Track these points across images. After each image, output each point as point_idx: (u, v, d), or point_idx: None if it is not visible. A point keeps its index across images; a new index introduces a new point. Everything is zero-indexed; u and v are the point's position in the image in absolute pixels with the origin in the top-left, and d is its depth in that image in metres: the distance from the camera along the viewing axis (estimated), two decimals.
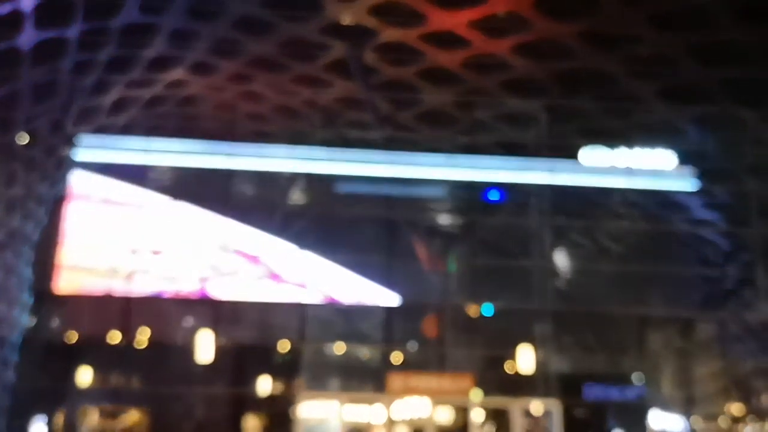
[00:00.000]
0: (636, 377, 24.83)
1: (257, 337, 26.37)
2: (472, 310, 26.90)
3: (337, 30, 17.27)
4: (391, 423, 21.26)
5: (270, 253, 24.59)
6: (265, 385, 24.96)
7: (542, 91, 19.41)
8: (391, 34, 17.43)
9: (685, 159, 21.30)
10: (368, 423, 22.05)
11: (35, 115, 17.50)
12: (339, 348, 25.93)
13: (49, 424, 23.25)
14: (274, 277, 24.43)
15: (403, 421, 22.05)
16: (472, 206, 25.44)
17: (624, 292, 25.02)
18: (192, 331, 24.52)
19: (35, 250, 21.01)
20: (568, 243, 26.39)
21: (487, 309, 25.97)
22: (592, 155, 21.30)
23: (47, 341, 23.55)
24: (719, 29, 16.00)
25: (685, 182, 21.55)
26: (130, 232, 23.15)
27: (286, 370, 24.72)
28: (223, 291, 23.71)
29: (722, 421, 29.55)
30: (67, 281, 22.09)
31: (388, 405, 21.02)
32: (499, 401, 22.58)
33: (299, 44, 17.89)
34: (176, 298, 24.04)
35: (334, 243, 23.78)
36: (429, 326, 25.25)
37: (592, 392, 22.40)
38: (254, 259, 24.57)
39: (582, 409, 22.32)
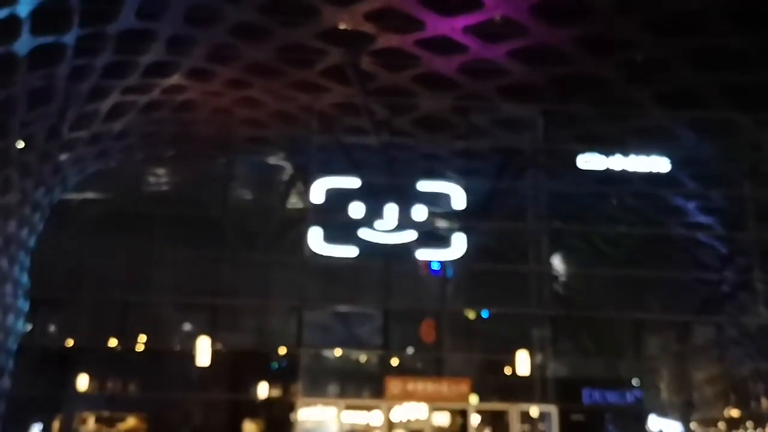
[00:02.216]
0: (634, 381, 24.81)
1: (255, 343, 26.33)
2: (470, 315, 26.88)
3: (333, 35, 17.29)
4: (389, 427, 21.20)
5: None
6: (262, 391, 24.90)
7: (538, 97, 19.44)
8: (387, 39, 17.45)
9: (681, 163, 21.32)
10: (366, 427, 22.00)
11: (31, 121, 17.46)
12: (337, 353, 25.89)
13: (46, 431, 23.18)
14: None
15: (401, 426, 22.00)
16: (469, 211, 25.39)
17: (621, 296, 25.02)
18: (190, 337, 24.49)
19: (31, 257, 20.95)
20: (566, 247, 26.38)
21: (485, 314, 25.96)
22: (588, 160, 21.30)
23: (43, 347, 23.50)
24: (715, 34, 16.03)
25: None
26: None
27: (283, 375, 24.66)
28: None
29: (720, 426, 29.54)
30: None
31: (386, 410, 20.97)
32: (496, 406, 22.54)
33: (296, 50, 17.89)
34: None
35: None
36: (426, 331, 25.20)
37: (590, 397, 22.35)
38: None
39: (580, 413, 22.27)
